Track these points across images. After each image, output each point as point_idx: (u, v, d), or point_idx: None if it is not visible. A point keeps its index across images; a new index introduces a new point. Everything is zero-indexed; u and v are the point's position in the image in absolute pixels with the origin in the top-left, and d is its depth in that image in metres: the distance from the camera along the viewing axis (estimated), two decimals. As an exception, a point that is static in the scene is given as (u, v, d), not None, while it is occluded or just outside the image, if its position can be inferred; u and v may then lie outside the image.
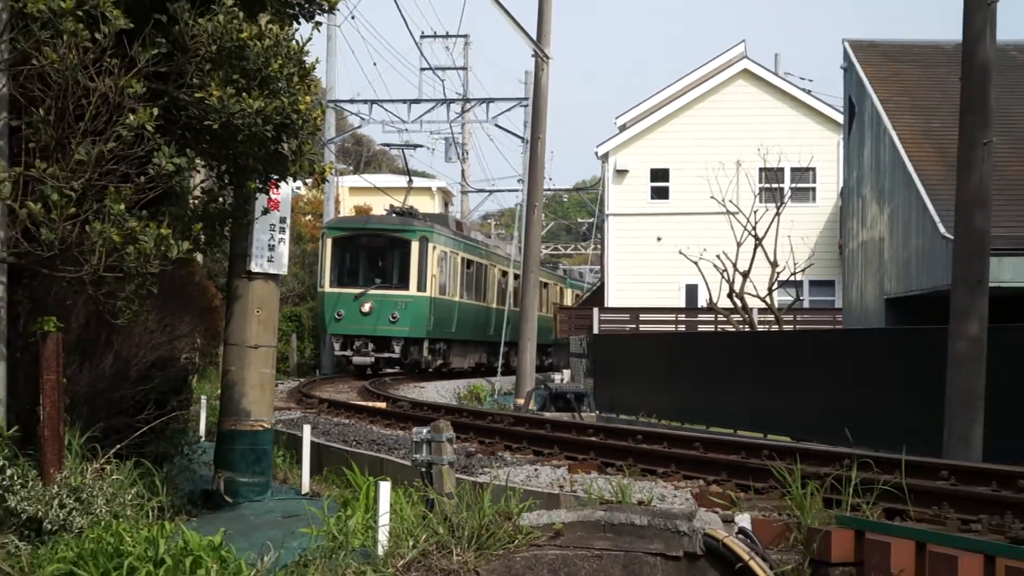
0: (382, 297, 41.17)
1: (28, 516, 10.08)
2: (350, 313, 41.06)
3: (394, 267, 42.10)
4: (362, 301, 40.80)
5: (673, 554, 9.29)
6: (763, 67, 55.86)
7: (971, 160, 16.72)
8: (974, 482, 10.41)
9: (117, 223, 10.60)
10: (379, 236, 41.93)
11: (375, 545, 9.64)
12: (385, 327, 41.25)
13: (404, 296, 41.36)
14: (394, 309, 41.27)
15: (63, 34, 10.41)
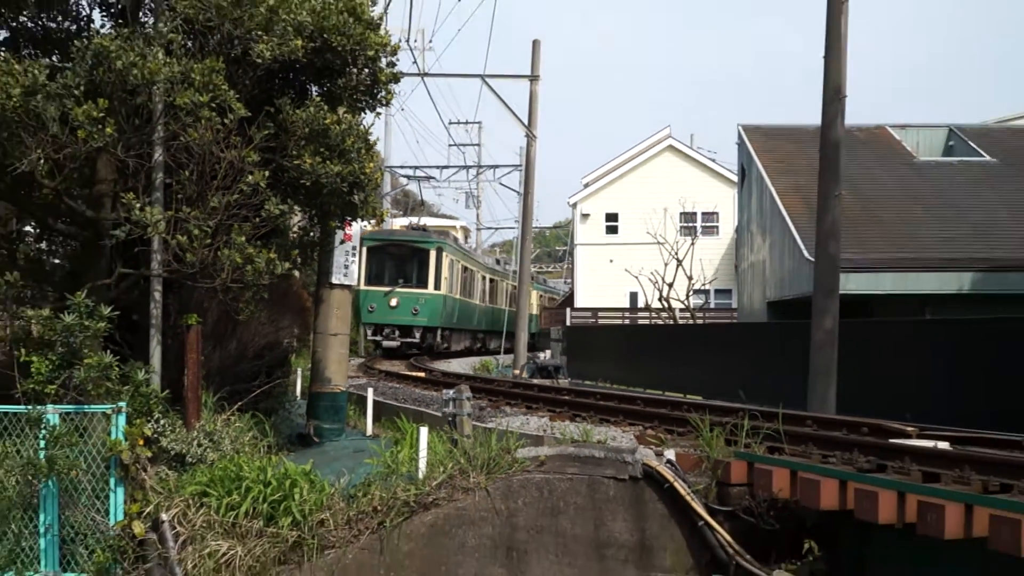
0: (406, 294, 37.53)
1: (175, 452, 10.00)
2: (380, 307, 37.43)
3: (415, 270, 38.41)
4: (390, 297, 37.33)
5: (621, 477, 9.22)
6: (682, 143, 56.03)
7: (826, 207, 16.65)
8: (830, 428, 10.33)
9: (239, 250, 10.56)
10: (404, 246, 38.35)
11: (417, 471, 9.64)
12: (408, 318, 37.67)
13: (423, 294, 38.10)
14: (415, 304, 37.84)
15: (201, 119, 10.35)
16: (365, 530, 9.23)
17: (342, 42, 11.35)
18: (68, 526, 9.52)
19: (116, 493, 9.55)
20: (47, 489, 9.43)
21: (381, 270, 38.24)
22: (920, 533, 7.15)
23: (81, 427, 9.53)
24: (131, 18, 11.11)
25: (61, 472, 9.32)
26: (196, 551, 9.12)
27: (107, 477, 9.55)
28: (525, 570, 9.09)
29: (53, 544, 9.48)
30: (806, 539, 8.80)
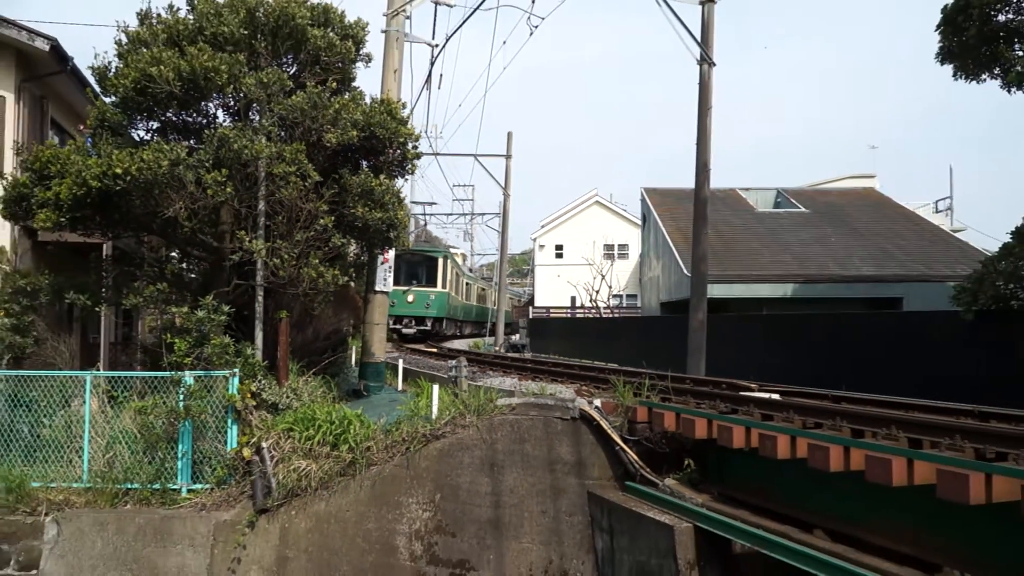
0: (420, 292, 32.70)
1: (271, 402, 9.85)
2: (400, 302, 31.87)
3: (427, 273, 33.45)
4: (408, 294, 32.28)
5: (566, 417, 9.15)
6: (605, 200, 56.07)
7: (698, 241, 16.67)
8: (702, 385, 10.28)
9: (314, 268, 10.44)
10: (418, 254, 33.54)
11: (431, 414, 9.52)
12: (422, 310, 32.79)
13: (433, 291, 33.21)
14: (427, 299, 32.91)
15: (290, 183, 10.26)
16: (397, 453, 9.16)
17: (383, 133, 11.30)
18: (198, 452, 9.40)
19: (231, 430, 9.41)
20: (184, 427, 9.30)
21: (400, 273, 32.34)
22: (761, 455, 7.13)
23: (208, 386, 9.41)
24: (243, 116, 11.02)
25: (194, 415, 9.23)
26: (285, 467, 9.03)
27: (225, 419, 9.42)
28: (502, 479, 9.03)
29: (187, 464, 9.33)
30: (686, 458, 8.78)
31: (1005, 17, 14.24)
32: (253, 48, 10.95)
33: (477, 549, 8.85)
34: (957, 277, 19.75)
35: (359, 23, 12.04)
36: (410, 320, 32.77)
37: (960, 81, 15.01)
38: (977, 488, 5.10)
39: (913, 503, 5.97)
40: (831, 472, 6.30)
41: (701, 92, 16.33)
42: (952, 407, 7.52)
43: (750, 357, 17.19)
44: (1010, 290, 13.74)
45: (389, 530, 8.90)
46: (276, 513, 8.87)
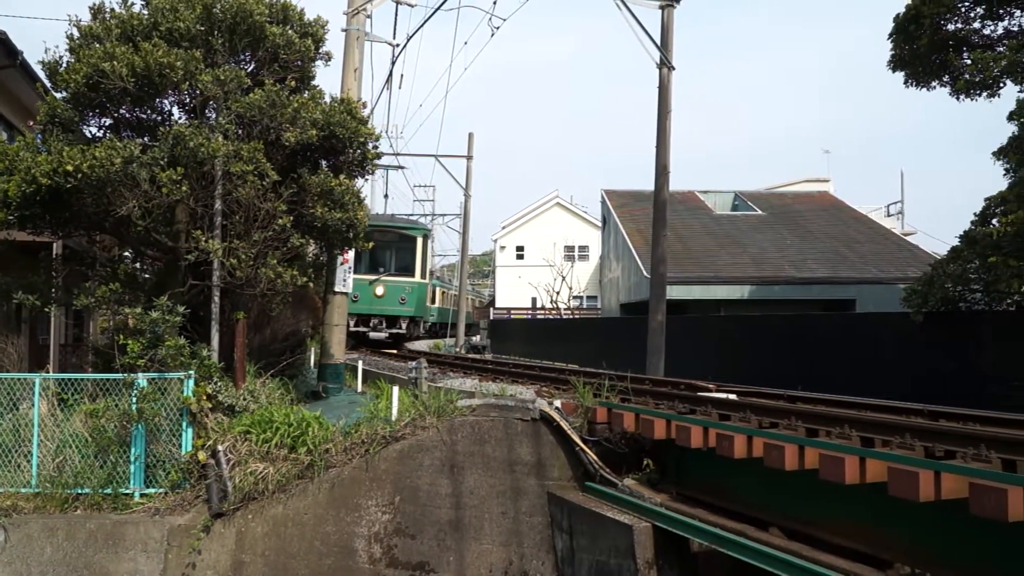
0: (393, 283, 25.71)
1: (228, 404, 9.69)
2: (365, 296, 25.26)
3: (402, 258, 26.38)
4: (376, 285, 25.26)
5: (526, 418, 9.14)
6: (566, 201, 56.35)
7: (657, 243, 16.81)
8: (661, 386, 10.36)
9: (272, 269, 10.31)
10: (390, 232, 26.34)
11: (391, 415, 9.45)
12: (395, 307, 25.86)
13: (411, 282, 26.22)
14: (403, 292, 25.77)
15: (247, 182, 10.12)
16: (356, 455, 9.07)
17: (343, 132, 11.21)
18: (151, 456, 9.21)
19: (186, 432, 9.24)
20: (137, 431, 9.10)
21: (364, 258, 25.10)
22: (718, 454, 7.20)
23: (162, 388, 9.23)
24: (200, 113, 10.84)
25: (147, 418, 9.03)
26: (241, 470, 8.89)
27: (180, 422, 9.24)
28: (462, 480, 8.99)
29: (140, 468, 9.13)
30: (645, 458, 8.84)
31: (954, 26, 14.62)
32: (210, 44, 10.78)
33: (437, 551, 8.81)
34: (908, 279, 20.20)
35: (319, 21, 11.94)
36: (379, 320, 25.22)
37: (911, 88, 15.38)
38: (927, 485, 5.21)
39: (866, 501, 6.08)
40: (787, 471, 6.38)
41: (661, 95, 16.47)
42: (903, 406, 7.69)
43: (708, 358, 17.38)
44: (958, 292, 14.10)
45: (348, 533, 8.82)
46: (232, 517, 8.73)
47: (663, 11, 16.55)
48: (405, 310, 25.16)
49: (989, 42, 14.48)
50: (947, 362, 13.63)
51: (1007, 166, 14.33)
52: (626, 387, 9.86)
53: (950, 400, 8.53)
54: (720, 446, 7.15)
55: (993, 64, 12.40)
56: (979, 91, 13.50)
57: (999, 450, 5.39)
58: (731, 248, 28.67)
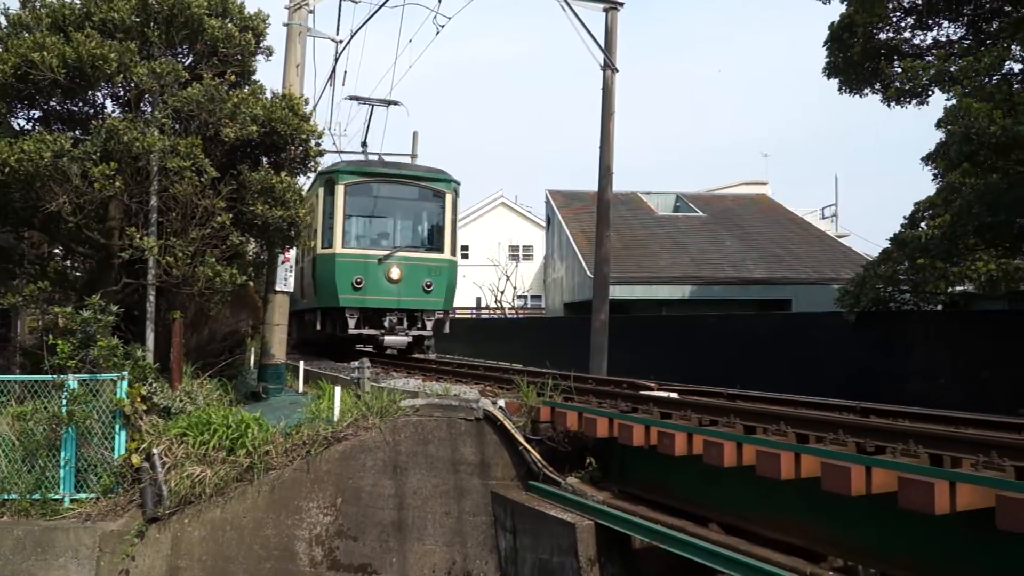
0: (415, 261, 15.56)
1: (163, 406, 9.48)
2: (372, 280, 15.11)
3: (426, 224, 16.42)
4: (389, 265, 15.17)
5: (470, 418, 9.12)
6: (511, 201, 56.37)
7: (601, 243, 16.98)
8: (603, 385, 10.44)
9: (211, 267, 10.12)
10: (407, 183, 15.81)
11: (333, 416, 9.34)
12: (418, 297, 15.72)
13: (439, 260, 16.11)
14: (427, 275, 15.75)
15: (185, 178, 9.90)
16: (297, 456, 8.93)
17: (284, 129, 11.07)
18: (82, 460, 8.92)
19: (119, 435, 8.98)
20: (67, 434, 8.80)
21: (372, 223, 16.68)
22: (660, 452, 7.29)
23: (94, 390, 8.95)
24: (135, 107, 10.56)
25: (78, 421, 8.76)
26: (177, 474, 8.67)
27: (113, 424, 8.97)
28: (405, 481, 8.93)
29: (70, 473, 8.84)
30: (588, 456, 8.90)
31: (886, 36, 15.12)
32: (146, 36, 10.50)
33: (380, 552, 8.73)
34: (841, 280, 20.82)
35: (259, 15, 11.75)
36: (398, 317, 15.83)
37: (845, 95, 15.85)
38: (858, 480, 5.36)
39: (801, 496, 6.24)
40: (725, 467, 6.51)
41: (605, 97, 16.64)
42: (837, 403, 7.90)
43: (650, 357, 17.62)
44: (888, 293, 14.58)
45: (288, 536, 8.68)
46: (167, 522, 8.51)
47: (607, 14, 16.73)
48: (432, 301, 15.86)
49: (919, 51, 15.02)
50: (878, 360, 14.08)
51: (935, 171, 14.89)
52: (569, 386, 9.90)
53: (881, 397, 8.81)
54: (661, 444, 7.25)
55: (922, 73, 12.86)
56: (909, 99, 14.00)
57: (926, 445, 5.58)
58: (673, 249, 29.13)
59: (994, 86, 11.82)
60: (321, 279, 15.36)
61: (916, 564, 5.48)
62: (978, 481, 4.84)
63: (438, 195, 16.01)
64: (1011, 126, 10.42)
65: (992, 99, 11.02)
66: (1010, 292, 13.51)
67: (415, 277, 15.52)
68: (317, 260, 15.35)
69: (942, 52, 14.19)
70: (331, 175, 15.17)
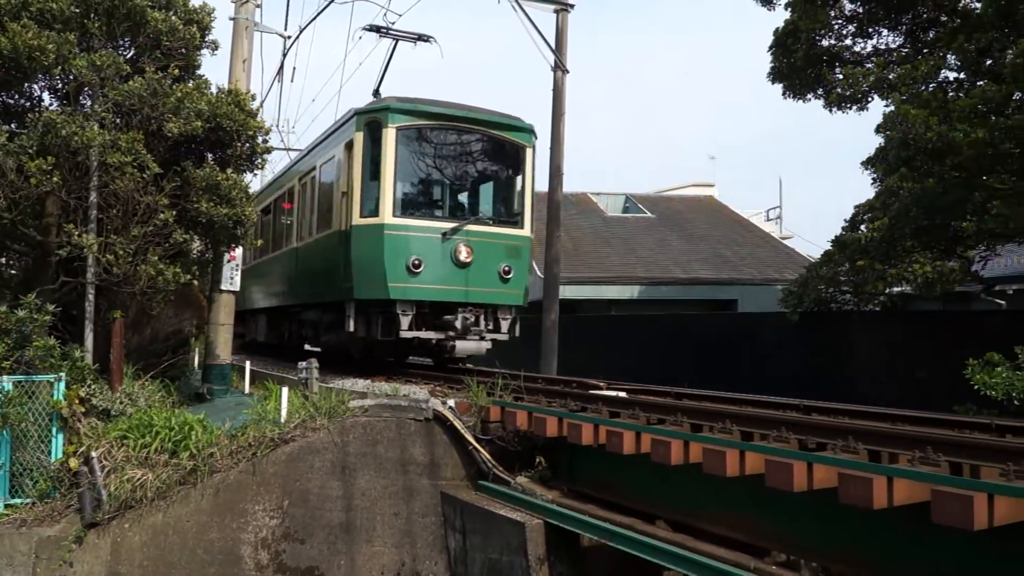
0: (488, 237, 10.54)
1: (102, 408, 9.22)
2: (434, 262, 10.15)
3: (502, 188, 11.30)
4: (455, 244, 10.22)
5: (419, 418, 9.08)
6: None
7: (551, 243, 17.08)
8: (553, 384, 10.47)
9: (153, 266, 9.87)
10: (481, 134, 10.74)
11: (280, 417, 9.21)
12: (492, 288, 10.72)
13: (517, 237, 11.12)
14: (505, 258, 10.80)
15: (126, 174, 9.66)
16: (243, 459, 8.77)
17: (230, 124, 10.86)
18: (17, 464, 8.63)
19: (57, 439, 8.71)
20: (1, 437, 8.51)
21: (429, 183, 11.38)
22: (608, 451, 7.36)
23: (30, 392, 8.66)
24: (74, 100, 10.27)
25: (13, 424, 8.46)
26: (117, 478, 8.43)
27: (50, 427, 8.70)
28: (354, 482, 8.85)
29: (5, 478, 8.55)
30: (538, 456, 8.94)
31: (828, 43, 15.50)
32: (85, 28, 10.21)
33: (327, 554, 8.64)
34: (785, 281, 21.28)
35: (204, 8, 11.52)
36: (474, 316, 11.39)
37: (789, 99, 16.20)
38: (800, 476, 5.48)
39: (746, 492, 6.36)
40: (672, 465, 6.60)
41: (555, 98, 16.73)
42: (780, 401, 8.07)
43: (600, 356, 17.78)
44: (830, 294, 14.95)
45: (233, 539, 8.52)
46: (107, 527, 8.28)
47: (558, 15, 16.82)
48: (510, 293, 11.68)
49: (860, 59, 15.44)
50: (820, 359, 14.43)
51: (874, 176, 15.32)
52: (520, 386, 9.91)
53: (823, 395, 9.03)
54: (610, 443, 7.31)
55: (862, 79, 13.22)
56: (850, 104, 14.37)
57: (865, 441, 5.74)
58: (622, 249, 29.40)
59: (930, 93, 12.21)
60: (359, 260, 10.96)
61: (856, 558, 5.63)
62: (914, 476, 4.99)
63: (517, 150, 11.70)
64: (946, 132, 10.77)
65: (928, 106, 11.38)
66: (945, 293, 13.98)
67: (489, 260, 11.16)
68: (353, 234, 11.10)
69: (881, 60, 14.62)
70: (375, 115, 11.07)
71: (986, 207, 11.61)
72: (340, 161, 11.80)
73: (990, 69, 12.32)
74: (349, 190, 11.36)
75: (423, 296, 10.94)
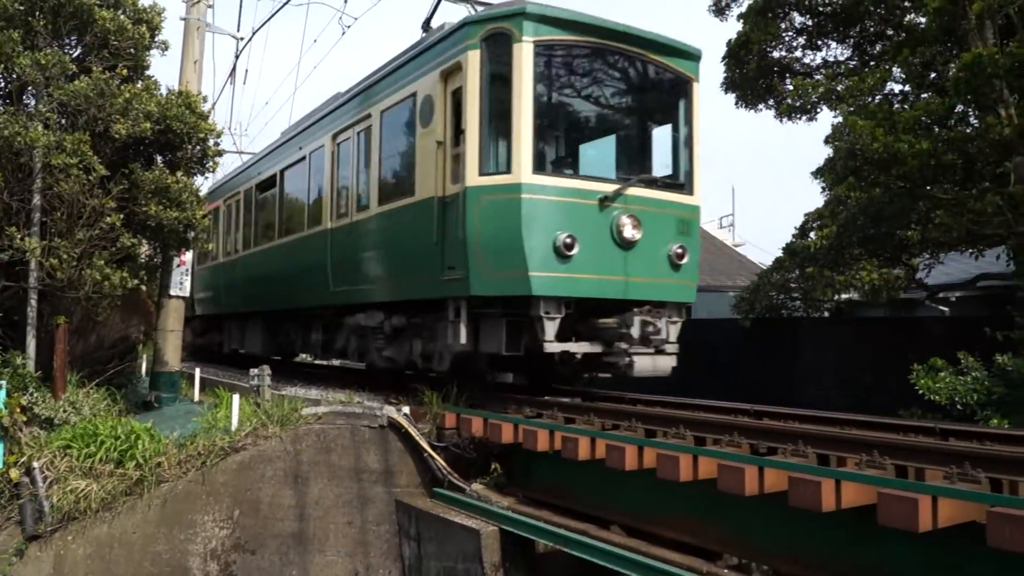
0: (656, 206, 6.97)
1: (45, 417, 8.96)
2: (590, 241, 6.62)
3: (667, 136, 7.39)
4: (616, 214, 6.68)
5: (373, 425, 9.00)
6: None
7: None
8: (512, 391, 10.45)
9: (99, 270, 9.63)
10: (642, 58, 6.86)
11: (230, 425, 9.05)
12: (660, 277, 7.34)
13: (687, 209, 7.73)
14: (676, 236, 7.50)
15: (71, 176, 9.42)
16: (192, 468, 8.58)
17: (180, 127, 10.68)
18: (-46, 475, 8.36)
19: (-4, 448, 8.45)
20: (-63, 447, 8.23)
21: (578, 127, 8.07)
22: (564, 457, 7.37)
23: (-32, 400, 8.40)
24: (16, 99, 9.98)
25: (-51, 434, 8.20)
26: (60, 489, 8.19)
27: (-11, 437, 8.44)
28: (307, 491, 8.72)
29: (-61, 490, 8.28)
30: (493, 462, 8.93)
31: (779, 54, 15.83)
32: (30, 26, 9.95)
33: (279, 565, 8.49)
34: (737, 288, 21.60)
35: (154, 8, 11.32)
36: (650, 320, 7.94)
37: (741, 109, 16.51)
38: (751, 480, 5.56)
39: (699, 497, 6.42)
40: (627, 471, 6.64)
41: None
42: (732, 406, 8.19)
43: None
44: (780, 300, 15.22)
45: (181, 551, 8.33)
46: (50, 539, 8.03)
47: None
48: (682, 286, 8.72)
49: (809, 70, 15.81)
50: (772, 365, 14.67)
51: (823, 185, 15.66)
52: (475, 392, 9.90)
53: (774, 400, 9.18)
54: (565, 449, 7.33)
55: (811, 91, 13.53)
56: (799, 115, 14.69)
57: (814, 445, 5.85)
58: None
59: (877, 105, 12.54)
60: (477, 238, 7.77)
61: (806, 560, 5.73)
62: (861, 479, 5.10)
63: (684, 84, 8.61)
64: (892, 143, 11.07)
65: (875, 117, 11.68)
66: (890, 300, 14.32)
67: (657, 238, 8.03)
68: (466, 201, 7.80)
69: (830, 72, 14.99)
70: (502, 25, 7.70)
71: (930, 216, 11.95)
72: (427, 100, 8.58)
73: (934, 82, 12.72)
74: (454, 138, 8.17)
75: (576, 291, 7.62)
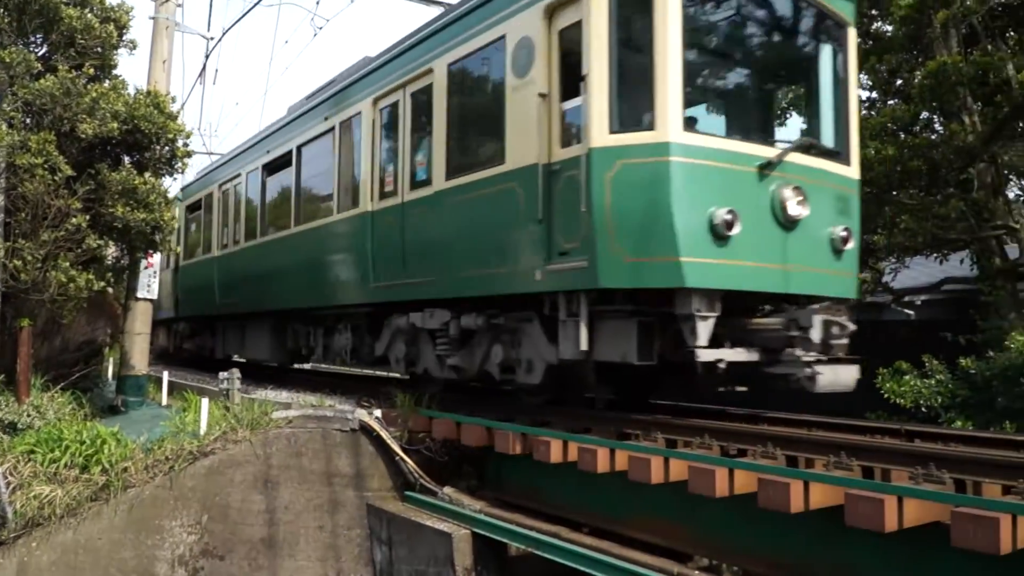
0: (819, 177, 5.05)
1: (8, 421, 8.81)
2: (749, 219, 4.65)
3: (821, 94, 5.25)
4: (778, 185, 4.74)
5: (345, 429, 8.97)
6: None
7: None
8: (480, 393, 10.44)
9: (64, 272, 9.49)
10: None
11: (199, 429, 8.95)
12: (825, 266, 5.50)
13: (847, 183, 5.75)
14: (839, 215, 5.56)
15: (36, 176, 9.27)
16: (159, 473, 8.47)
17: (149, 127, 10.54)
18: (-87, 481, 8.15)
19: (-43, 454, 8.27)
20: None
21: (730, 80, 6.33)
22: (535, 459, 7.39)
23: (-73, 404, 8.22)
24: (-21, 98, 9.81)
25: (-92, 440, 8.01)
26: (24, 494, 8.03)
27: (-51, 442, 8.26)
28: (277, 495, 8.66)
29: (-101, 496, 8.07)
30: (465, 465, 8.92)
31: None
32: (-6, 23, 9.79)
33: (249, 571, 8.41)
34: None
35: (123, 7, 11.18)
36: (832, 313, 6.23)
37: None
38: (722, 482, 5.62)
39: (670, 499, 6.47)
40: (598, 473, 6.67)
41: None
42: (704, 408, 8.27)
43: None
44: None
45: (149, 557, 8.22)
46: (12, 546, 7.87)
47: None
48: (846, 276, 7.12)
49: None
50: (741, 367, 14.77)
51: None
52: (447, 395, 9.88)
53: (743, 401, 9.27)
54: (537, 451, 7.34)
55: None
56: (769, 120, 14.80)
57: (783, 447, 5.92)
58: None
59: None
60: (607, 215, 6.09)
61: (775, 561, 5.80)
62: (829, 480, 5.18)
63: (841, 31, 7.04)
64: (859, 149, 11.21)
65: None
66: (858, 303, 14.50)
67: (820, 217, 6.45)
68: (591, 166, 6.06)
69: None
70: None
71: (896, 222, 12.14)
72: (523, 43, 6.80)
73: (900, 89, 12.93)
74: (564, 90, 6.54)
75: (733, 282, 6.00)
